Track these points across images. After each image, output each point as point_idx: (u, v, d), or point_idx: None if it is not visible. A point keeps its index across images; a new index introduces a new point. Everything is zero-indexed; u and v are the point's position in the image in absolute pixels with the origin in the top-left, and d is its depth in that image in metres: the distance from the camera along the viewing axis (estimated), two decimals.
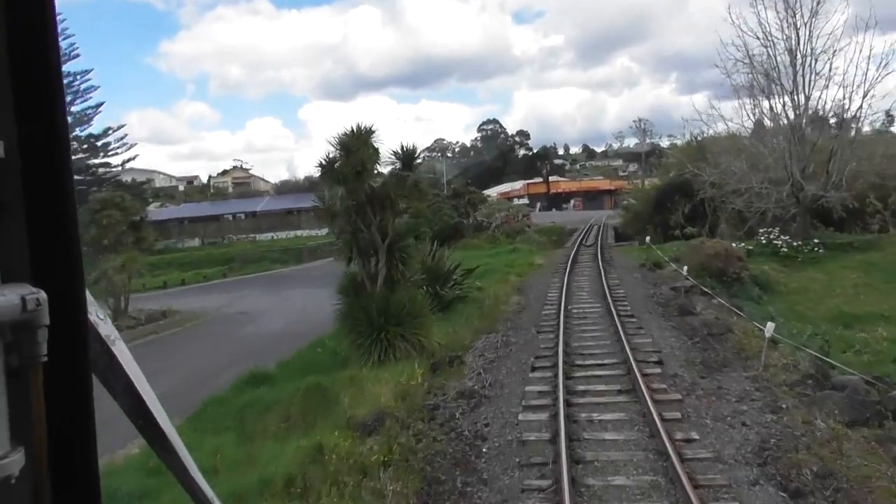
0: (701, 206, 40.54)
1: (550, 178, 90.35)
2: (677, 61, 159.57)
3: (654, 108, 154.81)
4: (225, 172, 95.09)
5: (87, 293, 0.73)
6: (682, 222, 40.09)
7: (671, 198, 41.64)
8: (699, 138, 43.34)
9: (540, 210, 76.14)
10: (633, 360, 9.60)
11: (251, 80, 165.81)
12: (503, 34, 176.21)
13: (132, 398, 0.83)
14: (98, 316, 0.78)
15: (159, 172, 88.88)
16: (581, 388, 8.94)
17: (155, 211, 69.75)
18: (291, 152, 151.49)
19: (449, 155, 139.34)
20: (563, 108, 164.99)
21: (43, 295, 0.62)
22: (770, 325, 9.51)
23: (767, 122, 30.80)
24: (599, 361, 10.18)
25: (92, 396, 0.73)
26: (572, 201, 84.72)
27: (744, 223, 37.59)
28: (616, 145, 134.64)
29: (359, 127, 12.25)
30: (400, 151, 12.78)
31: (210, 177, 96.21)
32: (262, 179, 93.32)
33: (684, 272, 15.10)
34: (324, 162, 11.93)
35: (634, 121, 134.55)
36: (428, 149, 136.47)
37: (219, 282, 34.44)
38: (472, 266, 19.65)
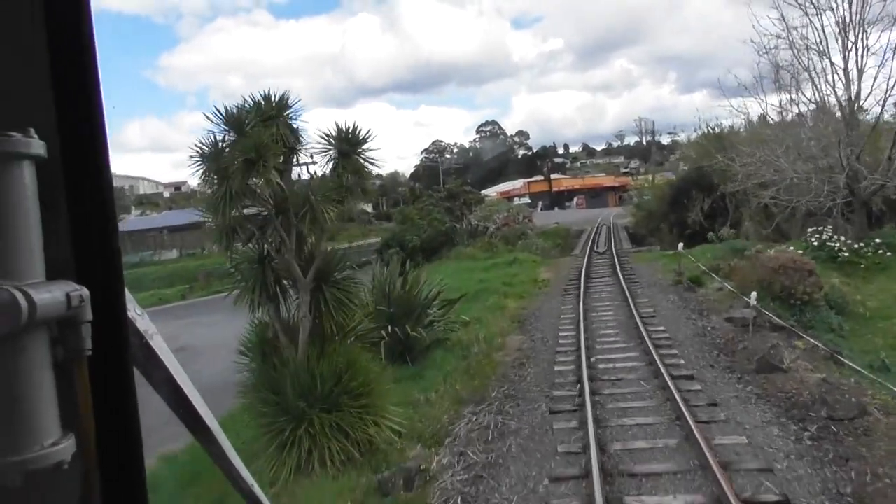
0: (721, 201, 36.17)
1: (552, 176, 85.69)
2: (675, 61, 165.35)
3: (654, 109, 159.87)
4: None
5: (126, 290, 0.74)
6: (702, 220, 35.74)
7: (688, 193, 37.31)
8: (716, 129, 38.86)
9: (542, 209, 71.54)
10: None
11: (251, 89, 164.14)
12: (502, 39, 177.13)
13: (172, 389, 0.85)
14: (136, 312, 0.79)
15: (146, 179, 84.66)
16: None
17: (135, 220, 65.38)
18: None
19: (447, 156, 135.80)
20: (562, 110, 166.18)
21: (86, 292, 0.64)
22: None
23: (804, 107, 26.16)
24: (668, 493, 5.60)
25: (134, 388, 0.74)
26: (575, 199, 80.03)
27: (769, 220, 33.55)
28: (616, 144, 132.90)
29: (266, 96, 7.69)
30: (335, 131, 8.11)
31: (200, 182, 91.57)
32: None
33: (752, 302, 10.56)
34: (203, 148, 7.26)
35: (635, 119, 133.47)
36: (426, 150, 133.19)
37: (176, 305, 29.87)
38: (459, 291, 15.09)
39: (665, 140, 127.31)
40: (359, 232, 48.86)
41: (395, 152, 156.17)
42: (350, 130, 8.13)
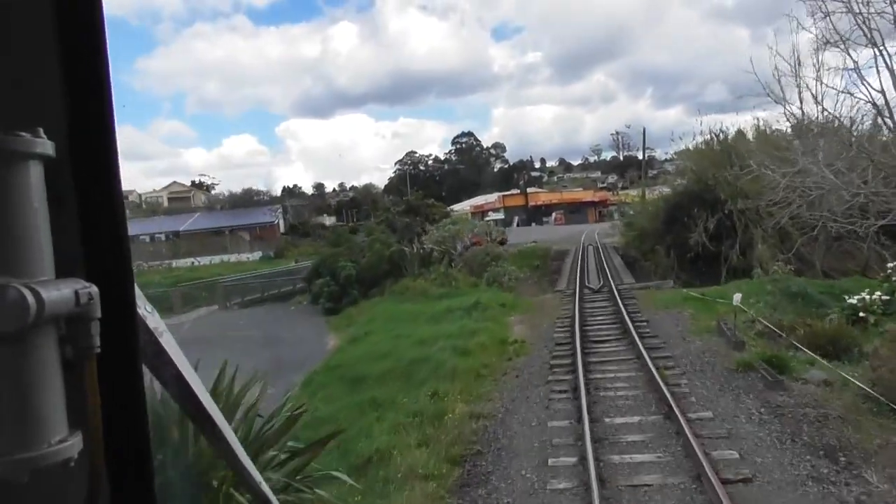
0: (727, 220, 30.02)
1: (528, 190, 79.43)
2: (653, 77, 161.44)
3: (631, 123, 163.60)
4: (194, 183, 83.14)
5: (136, 287, 0.74)
6: (706, 241, 29.59)
7: (688, 210, 31.14)
8: (720, 137, 32.93)
9: (518, 225, 65.07)
10: None
11: (228, 96, 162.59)
12: (482, 51, 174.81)
13: (181, 386, 0.85)
14: (146, 309, 0.78)
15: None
16: None
17: None
18: (268, 168, 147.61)
19: (422, 168, 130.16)
20: (540, 124, 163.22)
21: (95, 289, 0.63)
22: None
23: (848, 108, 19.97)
24: None
25: (143, 386, 0.74)
26: (553, 214, 73.66)
27: (785, 243, 27.58)
28: (593, 159, 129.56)
29: None
30: None
31: (154, 190, 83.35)
32: (208, 191, 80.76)
33: None
34: None
35: (612, 133, 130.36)
36: (399, 161, 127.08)
37: None
38: (384, 358, 8.21)
39: (642, 155, 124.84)
40: (311, 248, 41.79)
41: (373, 163, 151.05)
42: None
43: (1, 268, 0.58)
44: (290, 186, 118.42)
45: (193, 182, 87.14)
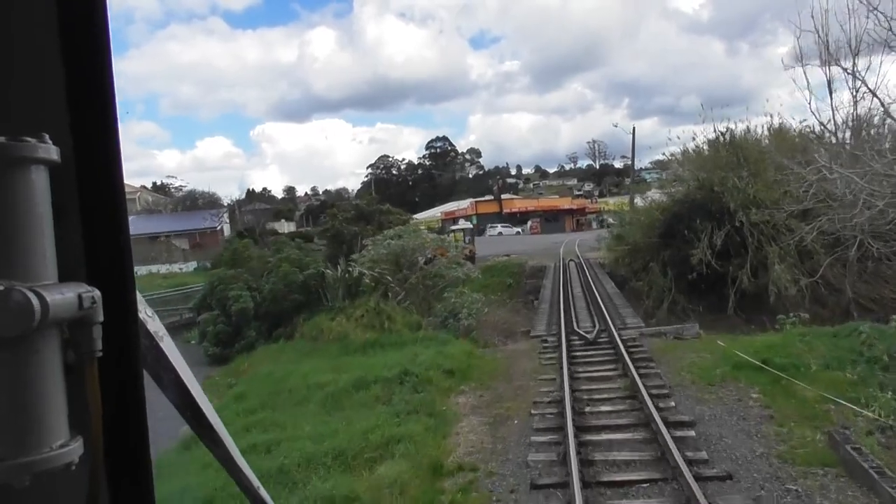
0: (737, 234, 24.79)
1: (503, 196, 73.65)
2: (629, 88, 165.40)
3: (607, 133, 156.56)
4: (156, 185, 75.80)
5: (137, 291, 0.73)
6: (711, 260, 24.33)
7: (689, 222, 25.80)
8: (727, 136, 27.75)
9: (490, 234, 59.41)
10: None
11: (203, 99, 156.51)
12: (460, 59, 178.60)
13: (180, 391, 0.84)
14: (146, 313, 0.77)
15: None
16: None
17: None
18: (243, 171, 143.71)
19: (394, 172, 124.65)
20: (517, 132, 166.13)
21: (97, 293, 0.63)
22: None
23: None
24: None
25: (143, 389, 0.73)
26: (529, 222, 67.95)
27: (805, 263, 22.07)
28: (569, 167, 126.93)
29: None
30: None
31: None
32: (163, 193, 73.45)
33: None
34: None
35: (588, 142, 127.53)
36: (372, 166, 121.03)
37: None
38: None
39: (618, 164, 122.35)
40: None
41: (349, 169, 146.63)
42: None
43: (5, 271, 0.57)
44: (252, 189, 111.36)
45: (155, 184, 79.93)
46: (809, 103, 19.26)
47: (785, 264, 22.92)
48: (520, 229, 63.84)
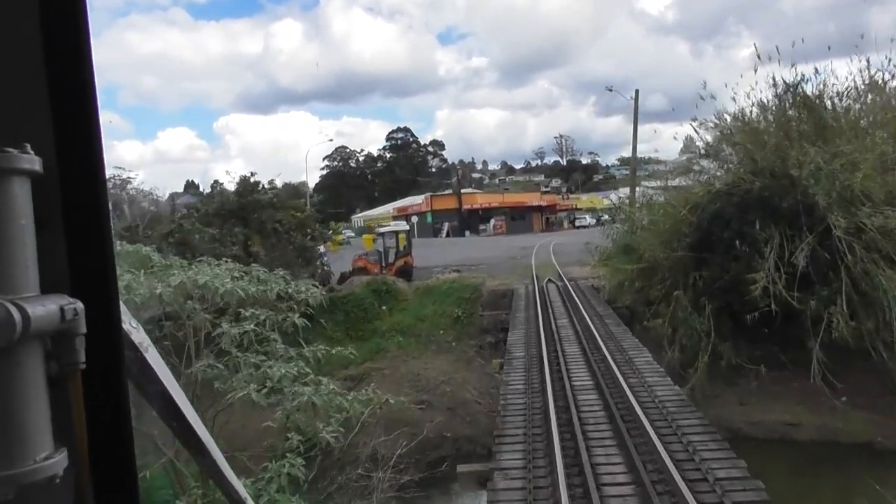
0: (822, 247, 13.87)
1: (464, 191, 62.94)
2: (595, 86, 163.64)
3: (573, 130, 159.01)
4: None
5: (121, 303, 0.72)
6: (781, 290, 13.57)
7: (741, 226, 15.07)
8: (800, 93, 17.42)
9: (447, 235, 48.85)
10: None
11: (165, 90, 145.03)
12: (428, 54, 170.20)
13: (165, 402, 0.83)
14: (131, 325, 0.77)
15: None
16: None
17: None
18: (206, 164, 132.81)
19: (353, 165, 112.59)
20: (484, 129, 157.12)
21: (80, 305, 0.62)
22: None
23: None
24: None
25: (129, 401, 0.72)
26: (492, 221, 57.56)
27: None
28: (536, 163, 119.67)
29: None
30: None
31: None
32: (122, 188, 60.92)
33: None
34: None
35: (556, 137, 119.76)
36: (328, 157, 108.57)
37: None
38: None
39: (585, 160, 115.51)
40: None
41: (314, 162, 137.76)
42: None
43: None
44: (192, 181, 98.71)
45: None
46: None
47: None
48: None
